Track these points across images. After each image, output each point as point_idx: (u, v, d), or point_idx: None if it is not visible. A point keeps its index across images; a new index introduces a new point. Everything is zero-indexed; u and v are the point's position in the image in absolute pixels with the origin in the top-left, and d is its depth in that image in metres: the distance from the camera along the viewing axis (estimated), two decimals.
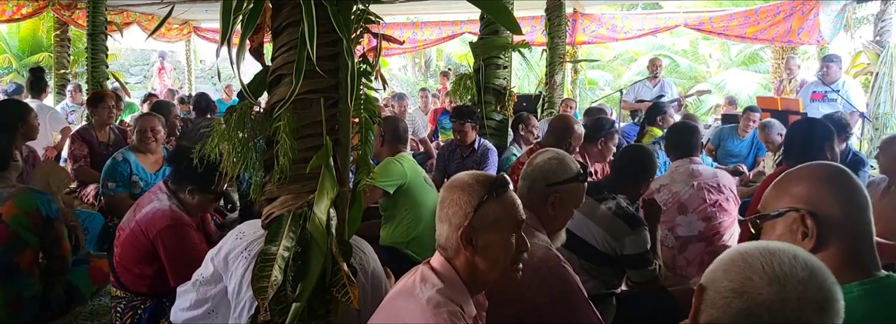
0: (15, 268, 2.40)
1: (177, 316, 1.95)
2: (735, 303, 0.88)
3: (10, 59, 12.70)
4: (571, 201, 1.92)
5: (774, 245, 0.93)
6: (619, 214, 2.40)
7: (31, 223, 2.42)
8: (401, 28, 10.07)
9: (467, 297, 1.41)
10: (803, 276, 0.87)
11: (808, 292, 0.86)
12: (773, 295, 0.86)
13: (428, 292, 1.35)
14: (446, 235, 1.42)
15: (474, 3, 1.68)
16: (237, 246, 1.81)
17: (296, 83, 1.50)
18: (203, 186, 2.37)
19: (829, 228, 1.15)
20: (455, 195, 1.41)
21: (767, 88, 11.19)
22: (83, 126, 4.59)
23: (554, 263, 1.74)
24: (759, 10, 7.89)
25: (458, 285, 1.40)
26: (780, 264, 0.88)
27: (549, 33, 6.22)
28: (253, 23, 1.54)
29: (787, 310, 0.85)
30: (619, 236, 2.37)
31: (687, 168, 3.04)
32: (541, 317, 1.71)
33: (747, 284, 0.88)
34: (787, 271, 0.87)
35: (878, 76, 6.42)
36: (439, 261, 1.44)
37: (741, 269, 0.90)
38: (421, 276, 1.43)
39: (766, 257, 0.89)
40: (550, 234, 1.89)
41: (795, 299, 0.85)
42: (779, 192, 1.24)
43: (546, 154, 1.97)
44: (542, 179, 1.89)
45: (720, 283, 0.91)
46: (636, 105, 7.04)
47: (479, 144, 4.20)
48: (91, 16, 6.09)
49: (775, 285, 0.86)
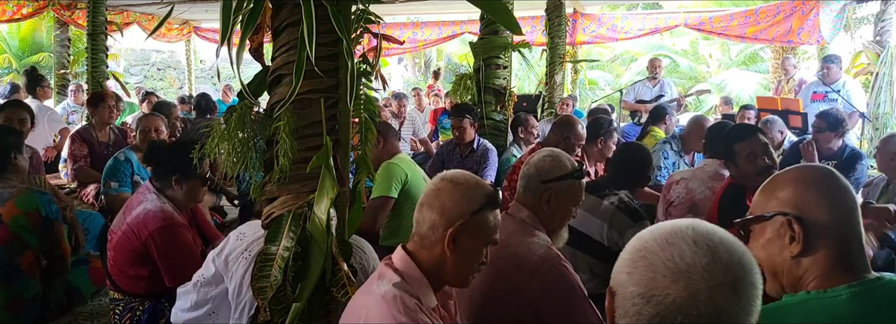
0: (16, 269, 2.40)
1: (177, 317, 1.95)
2: (646, 309, 0.82)
3: (10, 59, 12.70)
4: (568, 199, 1.92)
5: (671, 229, 0.87)
6: (621, 207, 2.44)
7: (32, 224, 2.42)
8: (401, 28, 10.06)
9: (428, 290, 1.42)
10: (705, 262, 0.81)
11: (715, 277, 0.80)
12: (680, 292, 0.80)
13: (384, 286, 1.37)
14: (431, 224, 1.42)
15: (474, 3, 1.68)
16: (237, 247, 1.81)
17: (296, 83, 1.50)
18: (186, 172, 2.34)
19: (816, 231, 1.15)
20: (458, 192, 1.42)
21: (767, 88, 11.20)
22: (83, 126, 4.60)
23: (554, 261, 1.75)
24: (759, 10, 7.89)
25: (419, 279, 1.41)
26: (681, 255, 0.82)
27: (549, 33, 6.21)
28: (253, 23, 1.54)
29: (700, 305, 0.79)
30: (622, 229, 2.41)
31: (713, 169, 2.95)
32: (540, 315, 1.71)
33: (652, 285, 0.82)
34: (689, 262, 0.81)
35: (878, 76, 6.42)
36: (400, 256, 1.45)
37: (643, 269, 0.84)
38: (379, 273, 1.44)
39: (665, 251, 0.84)
40: (550, 233, 1.89)
41: (705, 290, 0.80)
42: (766, 196, 1.23)
43: (541, 153, 1.99)
44: (536, 177, 1.90)
45: (626, 287, 0.85)
46: (636, 105, 7.04)
47: (479, 143, 4.19)
48: (91, 16, 6.08)
49: (680, 281, 0.80)
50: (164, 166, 2.40)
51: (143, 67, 18.14)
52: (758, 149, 2.40)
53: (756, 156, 2.39)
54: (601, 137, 3.61)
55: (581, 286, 1.76)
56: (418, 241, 1.45)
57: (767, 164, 2.39)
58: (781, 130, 4.55)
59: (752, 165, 2.39)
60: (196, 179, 2.41)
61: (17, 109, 3.79)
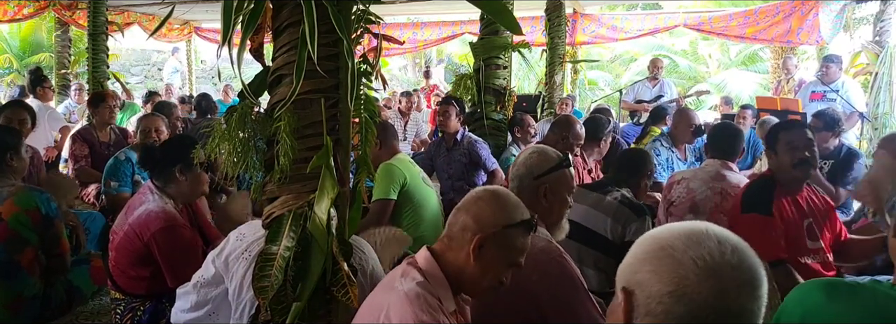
0: (16, 267, 2.41)
1: (178, 317, 1.96)
2: (676, 308, 0.81)
3: (10, 59, 12.70)
4: (562, 188, 1.95)
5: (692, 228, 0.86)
6: (624, 202, 2.51)
7: (31, 222, 2.42)
8: (401, 28, 10.07)
9: (448, 292, 1.44)
10: (734, 261, 0.82)
11: (742, 276, 0.81)
12: (712, 291, 0.80)
13: (408, 284, 1.39)
14: (461, 227, 1.45)
15: (474, 3, 1.68)
16: (238, 247, 1.82)
17: (296, 83, 1.50)
18: (188, 162, 2.30)
19: None
20: (499, 204, 1.46)
21: (767, 88, 11.18)
22: (84, 126, 4.60)
23: (555, 254, 1.78)
24: (758, 11, 7.89)
25: (441, 280, 1.43)
26: (710, 253, 0.82)
27: (549, 33, 6.21)
28: (253, 23, 1.54)
29: (729, 302, 0.80)
30: (626, 223, 2.47)
31: (715, 170, 2.98)
32: (540, 308, 1.74)
33: (684, 284, 0.81)
34: (719, 260, 0.82)
35: (878, 76, 6.42)
36: (424, 256, 1.47)
37: (671, 268, 0.83)
38: (402, 271, 1.46)
39: (693, 249, 0.83)
40: (551, 227, 1.93)
41: (734, 289, 0.81)
42: None
43: (526, 152, 2.04)
44: (527, 175, 1.95)
45: (652, 286, 0.83)
46: (636, 106, 7.04)
47: (463, 136, 4.13)
48: (92, 16, 6.08)
49: (711, 280, 0.80)
50: (164, 161, 2.40)
51: (144, 67, 18.13)
52: (801, 141, 2.45)
53: (797, 148, 2.44)
54: (603, 138, 3.62)
55: (581, 280, 1.79)
56: (447, 242, 1.48)
57: (807, 157, 2.43)
58: None
59: (790, 156, 2.44)
60: (198, 166, 2.40)
61: (17, 110, 3.80)
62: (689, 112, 4.26)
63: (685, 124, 4.12)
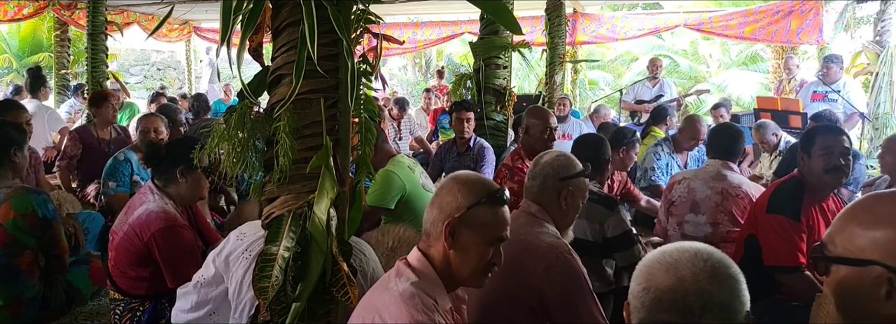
0: (15, 270, 2.40)
1: (178, 318, 1.95)
2: (646, 298, 1.04)
3: (10, 59, 12.71)
4: (579, 195, 2.01)
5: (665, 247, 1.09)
6: (593, 199, 2.46)
7: (28, 225, 2.40)
8: (401, 28, 10.06)
9: (443, 290, 1.44)
10: (689, 256, 1.03)
11: (696, 265, 1.02)
12: (671, 279, 1.02)
13: (402, 284, 1.39)
14: (432, 221, 1.46)
15: (474, 3, 1.68)
16: (238, 247, 1.82)
17: (296, 83, 1.50)
18: (189, 163, 2.27)
19: None
20: (456, 187, 1.45)
21: (768, 88, 11.18)
22: (83, 125, 4.60)
23: (563, 250, 1.81)
24: (758, 10, 7.88)
25: (434, 279, 1.43)
26: (670, 254, 1.05)
27: (549, 33, 6.21)
28: (253, 23, 1.54)
29: (686, 285, 1.00)
30: (602, 220, 2.46)
31: (715, 170, 3.00)
32: (543, 301, 1.77)
33: (650, 279, 1.04)
34: (677, 257, 1.04)
35: (878, 76, 6.42)
36: (416, 256, 1.47)
37: (643, 271, 1.07)
38: (396, 271, 1.46)
39: (658, 255, 1.07)
40: (560, 230, 1.95)
41: (689, 275, 1.01)
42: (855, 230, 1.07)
43: (551, 153, 2.06)
44: (553, 175, 1.97)
45: (634, 290, 1.07)
46: (636, 106, 7.04)
47: (475, 142, 4.17)
48: (91, 16, 6.08)
49: (670, 271, 1.03)
50: (167, 161, 2.40)
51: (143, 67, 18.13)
52: (838, 148, 2.37)
53: (832, 153, 2.36)
54: (624, 147, 3.58)
55: (586, 278, 1.82)
56: (425, 239, 1.48)
57: (840, 164, 2.36)
58: (775, 132, 4.54)
59: (824, 161, 2.36)
60: (199, 170, 2.40)
61: (19, 112, 3.78)
62: (698, 123, 4.13)
63: (690, 134, 4.10)
